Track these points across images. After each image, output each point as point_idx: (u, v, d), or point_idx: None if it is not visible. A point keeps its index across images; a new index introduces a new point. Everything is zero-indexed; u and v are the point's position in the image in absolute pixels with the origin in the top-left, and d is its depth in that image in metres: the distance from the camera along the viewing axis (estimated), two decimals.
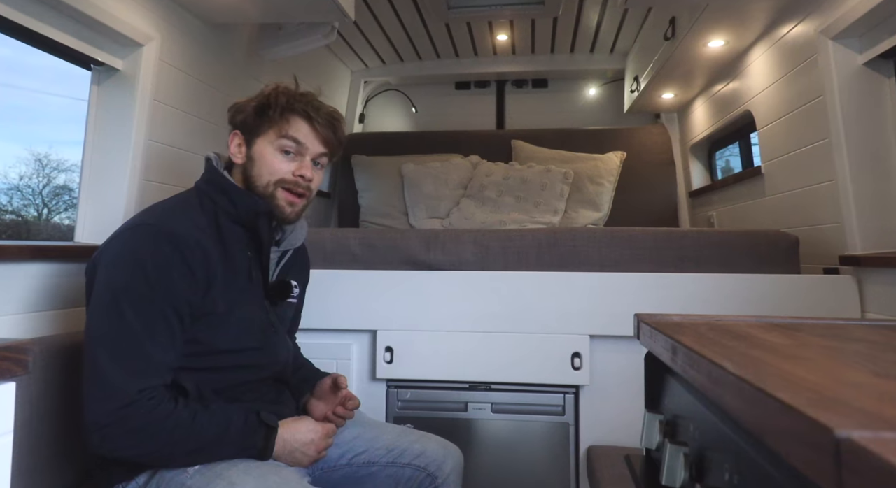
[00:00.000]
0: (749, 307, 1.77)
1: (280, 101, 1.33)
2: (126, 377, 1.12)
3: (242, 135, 1.37)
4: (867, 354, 0.58)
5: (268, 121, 1.34)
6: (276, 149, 1.34)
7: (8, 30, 1.55)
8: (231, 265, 1.29)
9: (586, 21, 3.19)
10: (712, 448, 0.59)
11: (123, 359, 1.13)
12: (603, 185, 3.20)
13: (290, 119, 1.34)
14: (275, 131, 1.34)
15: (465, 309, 1.87)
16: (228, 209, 1.32)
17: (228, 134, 1.41)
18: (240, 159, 1.37)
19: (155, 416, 1.12)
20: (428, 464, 1.40)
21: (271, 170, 1.34)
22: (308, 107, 1.35)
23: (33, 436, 1.31)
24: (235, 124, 1.38)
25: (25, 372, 0.67)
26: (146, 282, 1.16)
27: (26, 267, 1.52)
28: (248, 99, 1.39)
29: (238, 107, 1.39)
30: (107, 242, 1.24)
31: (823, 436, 0.29)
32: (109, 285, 1.17)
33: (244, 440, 1.19)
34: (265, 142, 1.35)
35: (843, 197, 1.81)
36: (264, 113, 1.34)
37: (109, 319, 1.15)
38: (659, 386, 0.89)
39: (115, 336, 1.14)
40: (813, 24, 1.91)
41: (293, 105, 1.34)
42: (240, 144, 1.37)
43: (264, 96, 1.36)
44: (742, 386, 0.43)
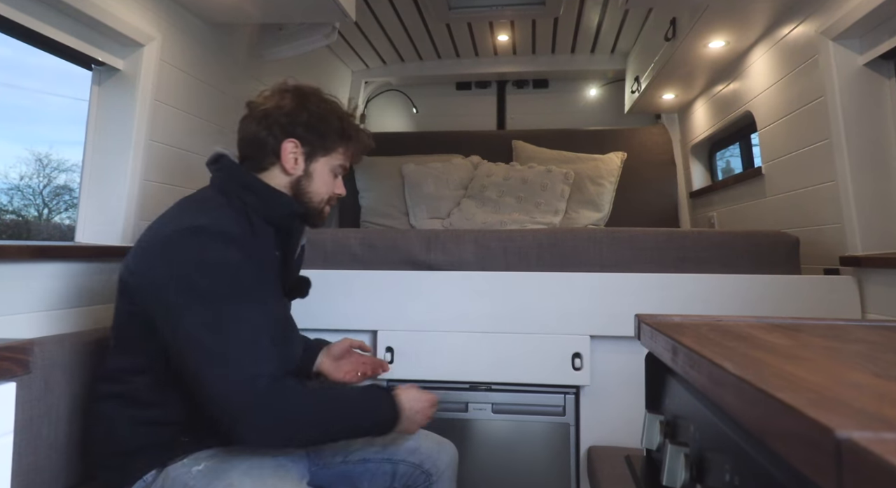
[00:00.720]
0: (749, 307, 1.77)
1: (350, 131, 1.40)
2: (257, 364, 1.13)
3: (302, 147, 1.36)
4: (867, 355, 0.58)
5: (336, 144, 1.39)
6: (330, 171, 1.40)
7: (9, 30, 1.55)
8: (264, 264, 1.32)
9: (587, 21, 3.19)
10: (713, 448, 0.59)
11: (247, 351, 1.14)
12: (604, 186, 3.20)
13: (352, 149, 1.43)
14: (340, 157, 1.40)
15: (466, 309, 1.87)
16: (259, 209, 1.32)
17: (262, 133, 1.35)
18: (298, 171, 1.37)
19: (294, 394, 1.15)
20: (422, 461, 1.42)
21: (327, 190, 1.40)
22: (368, 139, 1.46)
23: (33, 437, 1.31)
24: (293, 133, 1.35)
25: (26, 372, 0.68)
26: (233, 279, 1.17)
27: (27, 267, 1.52)
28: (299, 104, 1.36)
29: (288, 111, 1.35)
30: (164, 247, 1.20)
31: (824, 437, 0.29)
32: (201, 291, 1.15)
33: (375, 410, 1.26)
34: (328, 163, 1.39)
35: (844, 197, 1.81)
36: (332, 136, 1.37)
37: (216, 321, 1.13)
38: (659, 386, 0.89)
39: (228, 335, 1.13)
40: (813, 24, 1.91)
41: (360, 137, 1.43)
42: (296, 155, 1.36)
43: (335, 118, 1.38)
44: (743, 386, 0.43)
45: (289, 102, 1.36)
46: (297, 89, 1.40)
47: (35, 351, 1.35)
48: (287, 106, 1.36)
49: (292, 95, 1.37)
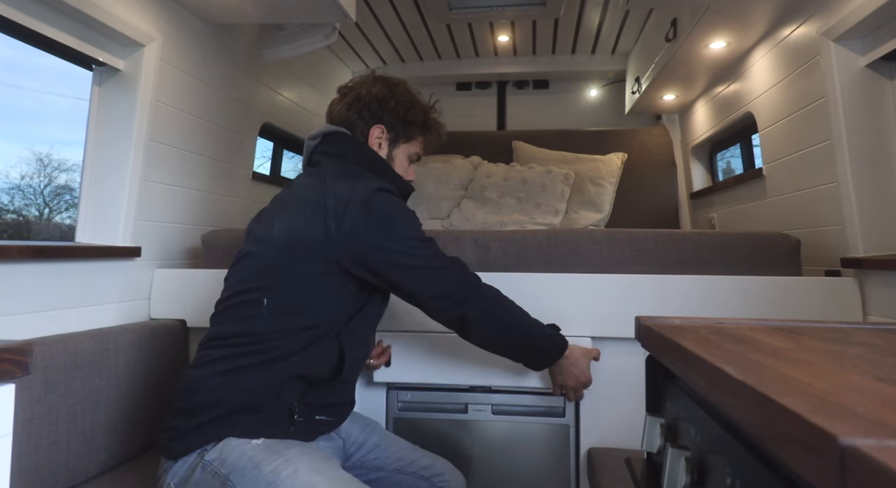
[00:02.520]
0: (750, 309, 1.76)
1: (432, 124, 1.58)
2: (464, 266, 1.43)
3: (387, 133, 1.50)
4: (869, 358, 0.58)
5: (418, 133, 1.55)
6: (408, 157, 1.55)
7: (9, 30, 1.55)
8: None
9: (588, 22, 3.19)
10: (714, 452, 0.58)
11: (452, 259, 1.40)
12: (604, 186, 3.20)
13: (429, 140, 1.60)
14: (418, 145, 1.57)
15: None
16: (394, 188, 1.44)
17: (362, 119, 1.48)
18: (382, 155, 1.50)
19: (493, 288, 1.46)
20: (432, 476, 1.47)
21: (403, 174, 1.54)
22: (439, 135, 1.65)
23: (34, 437, 1.31)
24: (381, 119, 1.48)
25: (25, 373, 0.67)
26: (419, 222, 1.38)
27: (27, 267, 1.52)
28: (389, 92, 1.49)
29: (379, 97, 1.48)
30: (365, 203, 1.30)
31: (827, 444, 0.29)
32: (399, 233, 1.32)
33: (551, 332, 1.52)
34: (407, 149, 1.54)
35: (845, 199, 1.80)
36: (416, 125, 1.53)
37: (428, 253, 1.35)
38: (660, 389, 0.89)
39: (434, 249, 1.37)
40: (815, 25, 1.91)
41: (436, 131, 1.62)
42: (382, 140, 1.50)
43: (420, 109, 1.53)
44: (744, 390, 0.43)
45: (379, 90, 1.49)
46: (387, 79, 1.52)
47: (35, 351, 1.35)
48: (378, 93, 1.48)
49: (382, 84, 1.50)
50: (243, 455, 1.19)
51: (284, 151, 3.33)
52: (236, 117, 2.45)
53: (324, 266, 1.28)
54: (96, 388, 1.52)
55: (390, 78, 1.53)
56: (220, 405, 1.24)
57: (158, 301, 1.99)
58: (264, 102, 2.77)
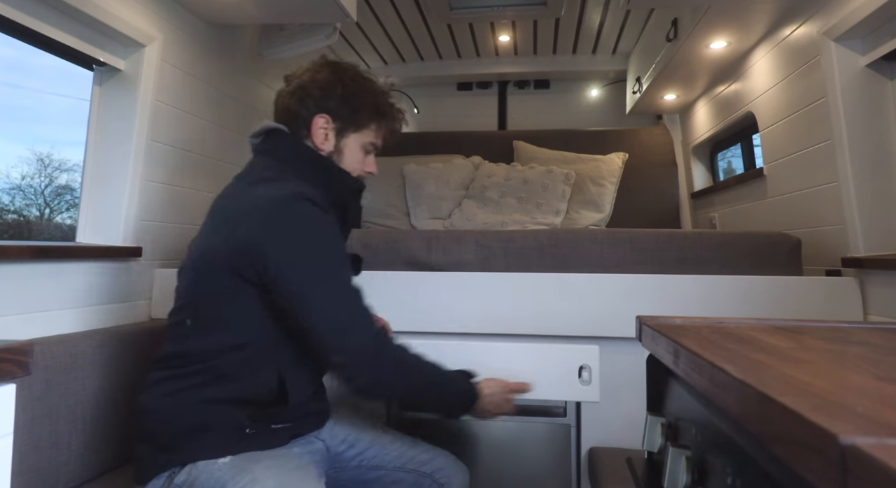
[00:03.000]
0: (751, 309, 1.76)
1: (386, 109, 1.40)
2: (370, 319, 1.24)
3: (333, 122, 1.36)
4: (870, 357, 0.58)
5: (369, 121, 1.38)
6: (361, 148, 1.40)
7: (10, 30, 1.55)
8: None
9: (588, 22, 3.19)
10: (715, 452, 0.58)
11: (362, 306, 1.24)
12: (605, 186, 3.20)
13: (386, 126, 1.42)
14: (371, 133, 1.40)
15: (466, 310, 1.86)
16: (322, 183, 1.33)
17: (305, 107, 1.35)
18: (328, 147, 1.36)
19: (398, 348, 1.27)
20: (434, 471, 1.43)
21: (354, 167, 1.40)
22: (397, 121, 1.45)
23: (34, 437, 1.31)
24: (326, 107, 1.34)
25: (26, 373, 0.67)
26: (338, 243, 1.26)
27: (27, 267, 1.52)
28: (335, 76, 1.36)
29: (322, 84, 1.35)
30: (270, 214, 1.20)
31: (828, 443, 0.29)
32: (307, 249, 1.20)
33: (459, 385, 1.36)
34: (358, 140, 1.39)
35: (846, 198, 1.80)
36: (367, 111, 1.37)
37: (328, 273, 1.21)
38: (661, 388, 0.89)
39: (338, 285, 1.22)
40: (815, 25, 1.91)
41: (394, 115, 1.43)
42: (327, 130, 1.36)
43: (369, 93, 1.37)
44: (744, 390, 0.43)
45: (324, 76, 1.36)
46: (335, 64, 1.40)
47: (35, 351, 1.35)
48: (322, 80, 1.36)
49: (329, 70, 1.38)
50: (210, 476, 1.16)
51: None
52: (237, 117, 2.45)
53: (230, 278, 1.20)
54: (97, 388, 1.52)
55: (339, 63, 1.41)
56: (166, 429, 1.20)
57: (159, 301, 1.99)
58: (265, 102, 2.77)
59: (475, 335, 1.87)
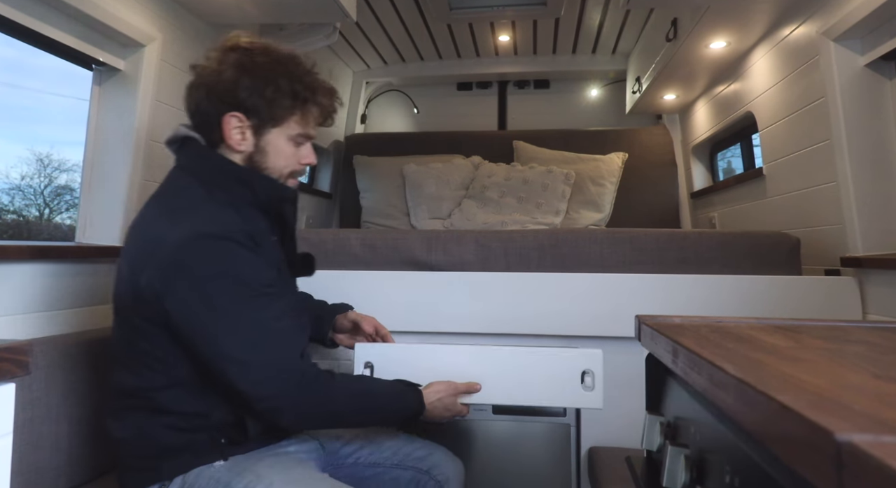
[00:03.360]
0: (750, 308, 1.76)
1: (303, 94, 1.21)
2: (288, 359, 1.16)
3: (247, 120, 1.20)
4: (868, 356, 0.58)
5: (288, 111, 1.21)
6: (288, 141, 1.24)
7: (10, 30, 1.55)
8: (267, 253, 1.24)
9: (588, 22, 3.19)
10: (713, 450, 0.59)
11: (277, 347, 1.15)
12: (605, 186, 3.20)
13: (312, 112, 1.25)
14: (296, 124, 1.23)
15: (466, 310, 1.86)
16: (247, 198, 1.21)
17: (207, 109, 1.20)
18: (246, 147, 1.22)
19: (325, 387, 1.18)
20: (430, 468, 1.41)
21: (287, 163, 1.26)
22: (328, 100, 1.27)
23: (34, 437, 1.31)
24: (237, 104, 1.18)
25: (26, 372, 0.67)
26: (249, 278, 1.13)
27: (27, 267, 1.52)
28: (242, 68, 1.18)
29: (229, 80, 1.18)
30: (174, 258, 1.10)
31: (824, 440, 0.29)
32: (209, 298, 1.10)
33: (400, 399, 1.29)
34: (282, 133, 1.23)
35: (845, 198, 1.80)
36: (283, 101, 1.19)
37: (235, 318, 1.10)
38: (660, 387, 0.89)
39: (247, 332, 1.11)
40: (815, 25, 1.91)
41: (317, 98, 1.24)
42: (242, 129, 1.20)
43: (281, 79, 1.19)
44: (743, 388, 0.43)
45: (229, 67, 1.18)
46: (241, 49, 1.20)
47: (35, 351, 1.35)
48: (227, 71, 1.18)
49: (234, 57, 1.19)
50: (210, 478, 1.14)
51: None
52: None
53: (145, 323, 1.14)
54: (97, 388, 1.52)
55: (246, 47, 1.21)
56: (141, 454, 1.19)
57: None
58: None
59: (475, 335, 1.87)
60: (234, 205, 1.20)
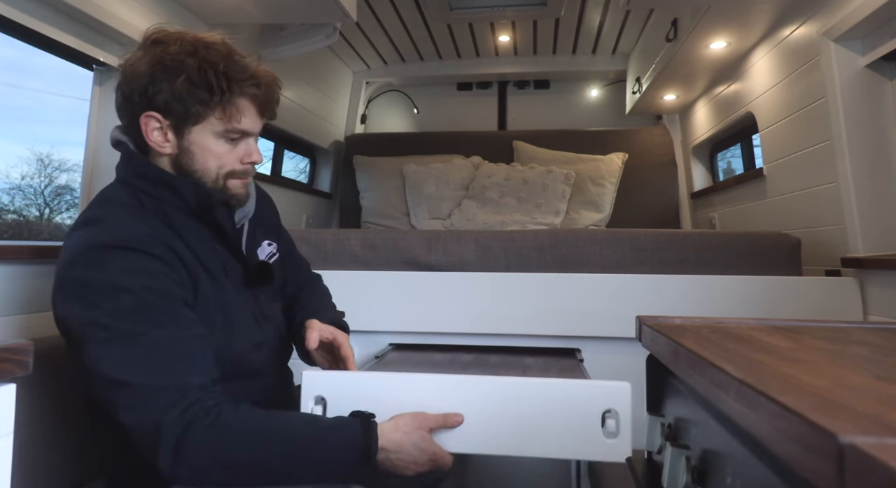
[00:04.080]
0: (750, 309, 1.76)
1: (222, 83, 1.06)
2: (174, 377, 0.95)
3: (165, 120, 1.08)
4: (869, 357, 0.58)
5: (207, 106, 1.07)
6: (219, 139, 1.11)
7: (10, 30, 1.55)
8: (203, 264, 1.10)
9: (588, 22, 3.19)
10: (714, 451, 0.58)
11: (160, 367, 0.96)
12: (605, 186, 3.20)
13: (236, 104, 1.09)
14: (218, 120, 1.09)
15: (466, 310, 1.86)
16: (174, 203, 1.11)
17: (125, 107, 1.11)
18: (169, 149, 1.10)
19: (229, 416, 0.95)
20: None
21: (219, 163, 1.12)
22: (256, 88, 1.10)
23: (34, 437, 1.31)
24: (153, 104, 1.07)
25: (26, 372, 0.68)
26: (133, 292, 0.98)
27: (27, 267, 1.52)
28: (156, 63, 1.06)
29: (144, 78, 1.06)
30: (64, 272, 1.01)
31: (827, 442, 0.29)
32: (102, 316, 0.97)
33: (337, 433, 0.98)
34: (205, 131, 1.09)
35: (845, 199, 1.80)
36: (200, 96, 1.06)
37: (122, 344, 0.96)
38: (661, 388, 0.89)
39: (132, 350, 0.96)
40: (815, 25, 1.91)
41: (240, 88, 1.08)
42: (162, 130, 1.09)
43: (194, 71, 1.05)
44: (744, 389, 0.43)
45: (145, 62, 1.07)
46: (155, 41, 1.09)
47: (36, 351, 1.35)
48: (141, 67, 1.07)
49: (152, 51, 1.07)
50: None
51: (285, 151, 3.33)
52: None
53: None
54: None
55: (159, 38, 1.09)
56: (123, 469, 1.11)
57: None
58: None
59: (475, 335, 1.87)
60: (164, 212, 1.10)
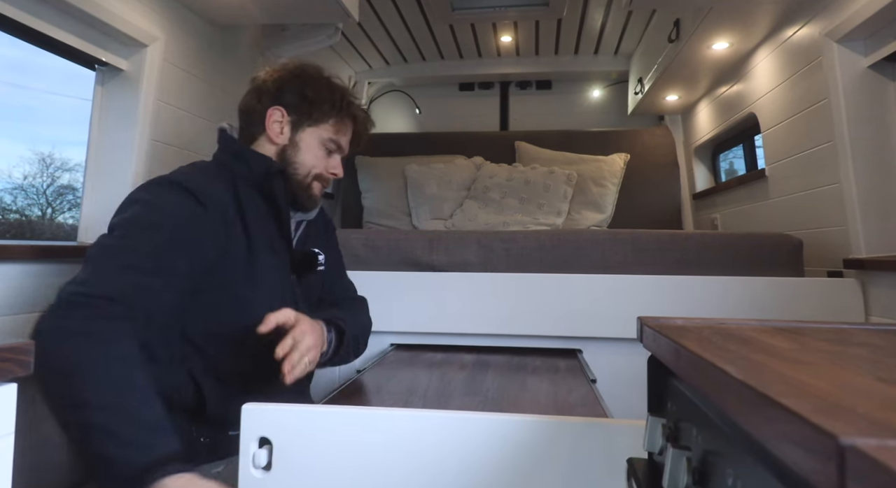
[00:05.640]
0: (752, 310, 1.76)
1: (344, 103, 1.35)
2: (107, 276, 1.05)
3: (288, 116, 1.34)
4: (872, 359, 0.58)
5: (327, 115, 1.34)
6: (321, 145, 1.35)
7: (13, 30, 1.56)
8: (253, 236, 1.25)
9: (590, 22, 3.18)
10: (715, 453, 0.58)
11: (115, 263, 1.07)
12: (606, 187, 3.20)
13: (346, 123, 1.37)
14: (330, 128, 1.35)
15: (468, 310, 1.86)
16: (244, 173, 1.29)
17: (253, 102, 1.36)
18: (282, 139, 1.34)
19: (108, 328, 0.99)
20: None
21: (316, 163, 1.35)
22: (367, 121, 1.41)
23: (35, 437, 1.32)
24: (281, 100, 1.33)
25: (27, 372, 0.68)
26: (161, 222, 1.13)
27: (29, 267, 1.52)
28: (295, 74, 1.36)
29: (284, 80, 1.35)
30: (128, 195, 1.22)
31: (827, 443, 0.29)
32: (122, 218, 1.15)
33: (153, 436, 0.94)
34: (316, 134, 1.35)
35: (848, 200, 1.80)
36: (324, 106, 1.33)
37: (119, 233, 1.13)
38: (662, 389, 0.89)
39: (117, 246, 1.11)
40: (818, 26, 1.90)
41: (355, 112, 1.38)
42: (282, 123, 1.34)
43: (326, 87, 1.35)
44: (745, 391, 0.43)
45: (283, 73, 1.36)
46: (297, 62, 1.40)
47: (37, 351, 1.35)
48: (280, 76, 1.35)
49: (291, 67, 1.38)
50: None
51: None
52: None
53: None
54: None
55: (303, 63, 1.41)
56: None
57: None
58: None
59: (477, 335, 1.87)
60: (235, 183, 1.27)
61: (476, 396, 1.30)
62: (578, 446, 0.84)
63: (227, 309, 1.21)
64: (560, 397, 1.33)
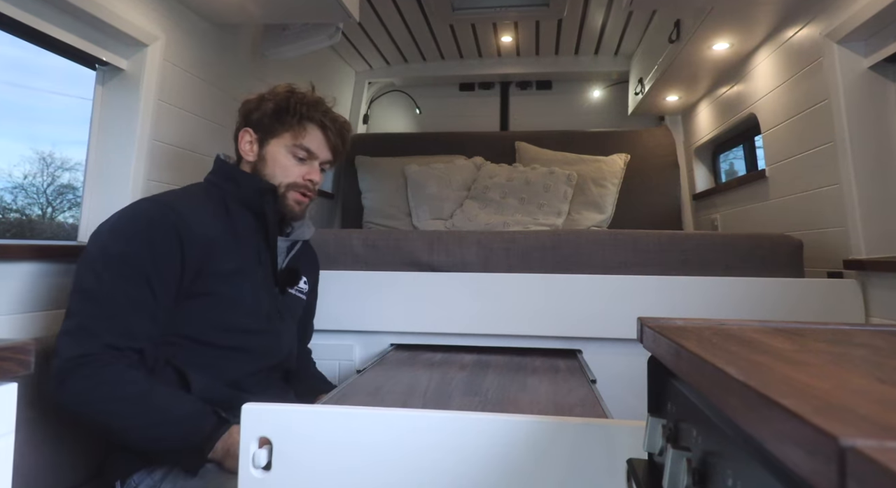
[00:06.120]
0: (753, 311, 1.76)
1: (299, 109, 1.40)
2: (96, 330, 1.16)
3: (255, 134, 1.43)
4: (872, 360, 0.58)
5: (284, 125, 1.41)
6: (288, 153, 1.42)
7: (14, 29, 1.56)
8: (240, 249, 1.34)
9: (591, 23, 3.18)
10: (715, 453, 0.58)
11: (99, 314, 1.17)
12: (607, 187, 3.20)
13: (306, 127, 1.41)
14: (290, 136, 1.41)
15: (468, 311, 1.86)
16: (234, 192, 1.39)
17: (236, 128, 1.47)
18: (252, 157, 1.43)
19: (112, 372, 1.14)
20: None
21: (284, 173, 1.41)
22: (325, 117, 1.43)
23: (35, 436, 1.32)
24: (249, 122, 1.44)
25: (28, 371, 0.68)
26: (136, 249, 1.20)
27: (29, 266, 1.52)
28: (261, 97, 1.44)
29: (251, 104, 1.44)
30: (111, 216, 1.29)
31: (828, 444, 0.29)
32: (101, 248, 1.22)
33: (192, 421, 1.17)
34: (279, 144, 1.42)
35: (848, 200, 1.80)
36: (281, 117, 1.41)
37: (94, 277, 1.19)
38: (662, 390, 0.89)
39: (96, 292, 1.18)
40: (818, 27, 1.90)
41: (311, 115, 1.41)
42: (251, 142, 1.43)
43: (282, 99, 1.41)
44: (746, 391, 0.43)
45: (254, 97, 1.45)
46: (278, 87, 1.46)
47: (37, 350, 1.35)
48: (251, 100, 1.46)
49: (265, 91, 1.46)
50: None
51: None
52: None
53: None
54: None
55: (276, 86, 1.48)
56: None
57: None
58: None
59: (477, 336, 1.87)
60: (226, 202, 1.38)
61: (476, 396, 1.31)
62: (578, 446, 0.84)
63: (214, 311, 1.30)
64: (560, 397, 1.33)
